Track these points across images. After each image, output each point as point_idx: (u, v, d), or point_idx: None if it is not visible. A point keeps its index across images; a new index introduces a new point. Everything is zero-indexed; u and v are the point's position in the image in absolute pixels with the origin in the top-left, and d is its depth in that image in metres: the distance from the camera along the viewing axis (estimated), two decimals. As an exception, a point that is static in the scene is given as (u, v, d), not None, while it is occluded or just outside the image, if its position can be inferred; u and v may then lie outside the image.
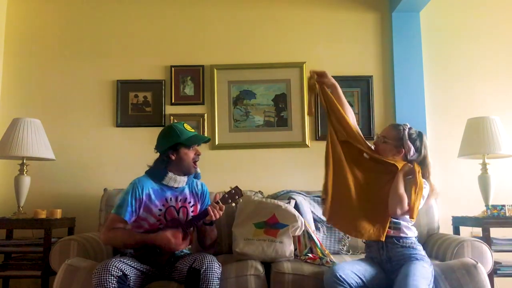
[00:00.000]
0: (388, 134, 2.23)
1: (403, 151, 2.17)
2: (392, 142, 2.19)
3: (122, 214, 2.27)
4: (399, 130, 2.20)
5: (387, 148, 2.20)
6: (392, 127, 2.27)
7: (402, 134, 2.18)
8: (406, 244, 2.10)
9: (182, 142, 2.33)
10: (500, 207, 2.88)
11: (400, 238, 2.11)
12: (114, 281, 1.99)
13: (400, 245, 2.10)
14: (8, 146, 2.98)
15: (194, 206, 2.45)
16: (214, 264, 2.10)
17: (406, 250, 2.09)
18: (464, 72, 3.51)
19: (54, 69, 3.50)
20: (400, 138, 2.18)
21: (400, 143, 2.18)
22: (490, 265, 2.48)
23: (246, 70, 3.50)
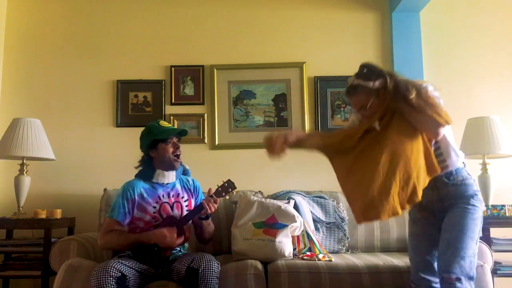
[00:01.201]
0: (361, 102, 1.92)
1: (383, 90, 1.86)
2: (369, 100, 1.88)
3: (115, 216, 2.30)
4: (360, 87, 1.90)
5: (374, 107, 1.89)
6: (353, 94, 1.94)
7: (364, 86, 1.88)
8: (457, 182, 1.89)
9: (158, 137, 2.37)
10: (500, 207, 2.88)
11: (451, 175, 1.89)
12: (113, 282, 2.00)
13: (451, 183, 1.89)
14: (8, 146, 2.98)
15: (188, 201, 2.47)
16: (213, 263, 2.11)
17: (458, 188, 1.89)
18: (464, 72, 3.51)
19: (54, 69, 3.50)
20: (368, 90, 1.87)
21: (374, 91, 1.87)
22: (490, 265, 2.48)
23: (246, 70, 3.50)
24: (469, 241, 1.81)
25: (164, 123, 2.46)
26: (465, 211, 1.85)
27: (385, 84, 1.85)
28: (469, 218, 1.83)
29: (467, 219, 1.83)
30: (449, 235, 1.83)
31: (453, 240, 1.81)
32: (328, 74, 3.48)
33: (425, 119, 1.80)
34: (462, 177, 1.91)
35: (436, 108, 1.80)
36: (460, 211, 1.85)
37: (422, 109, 1.78)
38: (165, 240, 2.22)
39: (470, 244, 1.81)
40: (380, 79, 1.87)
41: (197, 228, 2.45)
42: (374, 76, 1.88)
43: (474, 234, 1.83)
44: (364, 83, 1.88)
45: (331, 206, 2.97)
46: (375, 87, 1.87)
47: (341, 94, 3.47)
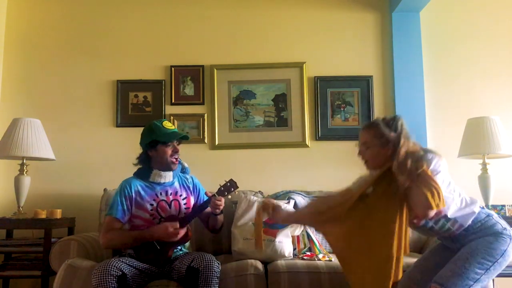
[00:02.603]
0: (366, 138, 1.93)
1: (390, 145, 1.85)
2: (374, 142, 1.89)
3: (114, 213, 2.31)
4: (374, 128, 1.91)
5: (373, 153, 1.90)
6: (366, 129, 1.96)
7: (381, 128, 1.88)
8: (476, 230, 1.83)
9: (159, 139, 2.37)
10: (500, 207, 2.88)
11: (469, 227, 1.84)
12: (114, 281, 2.00)
13: (471, 231, 1.84)
14: (8, 146, 2.98)
15: (186, 199, 2.47)
16: (213, 263, 2.11)
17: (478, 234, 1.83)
18: (464, 72, 3.51)
19: (54, 69, 3.50)
20: (380, 135, 1.87)
21: (383, 139, 1.87)
22: (490, 265, 2.48)
23: (246, 70, 3.50)
24: (475, 265, 1.74)
25: (167, 124, 2.45)
26: (484, 239, 1.80)
27: (396, 142, 1.83)
28: (485, 247, 1.77)
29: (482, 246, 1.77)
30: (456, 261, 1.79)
31: (458, 258, 1.78)
32: (328, 74, 3.48)
33: (419, 196, 1.72)
34: (480, 223, 1.85)
35: (433, 189, 1.71)
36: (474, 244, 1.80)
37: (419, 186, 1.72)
38: (168, 232, 2.22)
39: (475, 269, 1.74)
40: (396, 135, 1.85)
41: (210, 221, 2.47)
42: (394, 128, 1.87)
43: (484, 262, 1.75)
44: (382, 127, 1.88)
45: (331, 206, 2.96)
46: (388, 138, 1.86)
47: (341, 94, 3.47)
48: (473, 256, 1.76)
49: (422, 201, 1.71)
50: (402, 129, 1.87)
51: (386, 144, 1.86)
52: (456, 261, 1.78)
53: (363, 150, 1.94)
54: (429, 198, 1.69)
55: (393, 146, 1.84)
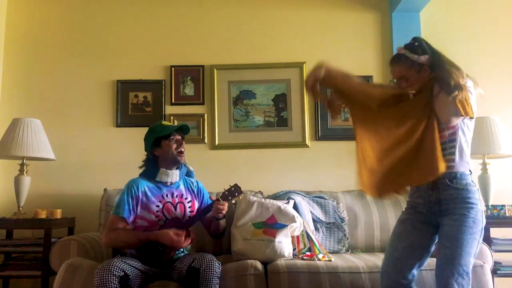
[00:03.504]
0: (401, 72, 1.93)
1: (425, 67, 1.89)
2: (409, 73, 1.91)
3: (120, 213, 2.31)
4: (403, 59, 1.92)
5: (413, 81, 1.91)
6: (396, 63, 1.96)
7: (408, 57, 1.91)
8: (461, 186, 1.84)
9: (160, 135, 2.40)
10: (500, 207, 2.88)
11: (454, 178, 1.84)
12: (116, 281, 2.00)
13: (453, 186, 1.83)
14: (8, 146, 2.98)
15: (191, 202, 2.48)
16: (214, 263, 2.11)
17: (459, 192, 1.84)
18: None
19: (54, 69, 3.50)
20: (412, 63, 1.90)
21: (416, 65, 1.89)
22: (490, 265, 2.49)
23: (246, 70, 3.50)
24: (468, 258, 1.76)
25: (166, 123, 2.49)
26: (463, 225, 1.78)
27: (430, 61, 1.89)
28: (468, 234, 1.77)
29: (466, 234, 1.77)
30: (448, 251, 1.77)
31: (452, 258, 1.76)
32: (328, 74, 3.48)
33: (449, 103, 1.78)
34: (466, 182, 1.86)
35: (464, 99, 1.78)
36: (459, 225, 1.79)
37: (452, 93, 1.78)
38: (173, 242, 2.24)
39: (469, 260, 1.77)
40: (427, 56, 1.89)
41: (212, 226, 2.48)
42: (421, 51, 1.90)
43: (473, 249, 1.78)
44: (409, 55, 1.91)
45: (331, 206, 2.97)
46: (419, 62, 1.89)
47: (341, 94, 3.47)
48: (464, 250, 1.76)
49: (453, 109, 1.78)
50: (430, 47, 1.92)
51: (421, 68, 1.90)
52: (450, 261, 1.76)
53: (401, 83, 1.95)
54: (459, 105, 1.76)
55: (429, 67, 1.89)
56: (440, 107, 1.83)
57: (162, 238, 2.24)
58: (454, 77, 1.82)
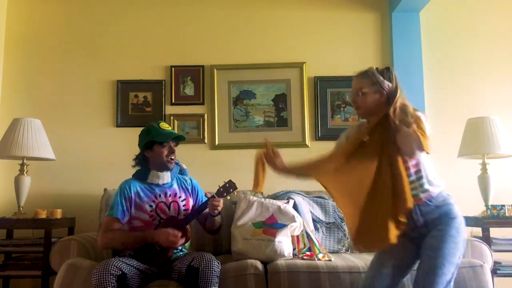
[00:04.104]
0: (362, 85, 1.98)
1: (384, 92, 1.94)
2: (370, 89, 1.96)
3: (114, 214, 2.31)
4: (368, 75, 1.98)
5: (368, 99, 1.96)
6: (360, 77, 2.01)
7: (374, 75, 1.96)
8: (439, 203, 1.89)
9: (155, 139, 2.38)
10: (500, 207, 2.88)
11: (432, 198, 1.89)
12: (114, 280, 2.00)
13: (434, 205, 1.89)
14: (8, 146, 2.98)
15: (185, 200, 2.47)
16: (213, 262, 2.11)
17: (441, 208, 1.89)
18: (464, 72, 3.51)
19: (54, 69, 3.50)
20: (375, 82, 1.95)
21: (377, 86, 1.95)
22: (490, 265, 2.49)
23: (246, 70, 3.50)
24: (449, 267, 1.79)
25: (164, 125, 2.45)
26: (447, 235, 1.83)
27: (390, 91, 1.93)
28: (451, 242, 1.82)
29: (449, 243, 1.81)
30: (432, 261, 1.80)
31: (434, 266, 1.79)
32: (328, 74, 3.48)
33: (410, 137, 1.79)
34: (443, 197, 1.91)
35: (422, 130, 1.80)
36: (442, 235, 1.83)
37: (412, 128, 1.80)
38: (168, 241, 2.23)
39: (450, 270, 1.80)
40: (392, 85, 1.94)
41: (207, 222, 2.47)
42: (388, 78, 1.96)
43: (455, 259, 1.82)
44: (376, 75, 1.96)
45: (330, 206, 2.97)
46: (382, 85, 1.94)
47: (341, 94, 3.48)
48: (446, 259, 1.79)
49: (414, 139, 1.78)
50: (397, 80, 1.97)
51: (380, 91, 1.95)
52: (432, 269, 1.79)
53: (358, 95, 1.99)
54: (421, 138, 1.76)
55: (387, 95, 1.94)
56: (403, 142, 1.83)
57: (158, 237, 2.24)
58: (411, 111, 1.85)
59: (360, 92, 1.97)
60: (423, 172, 1.91)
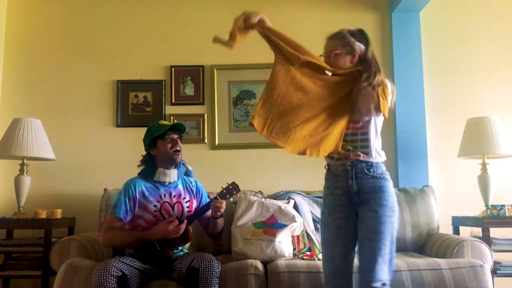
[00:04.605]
0: (334, 46, 2.00)
1: (357, 53, 1.97)
2: (342, 50, 1.98)
3: (117, 213, 2.31)
4: (341, 36, 2.01)
5: (340, 60, 1.98)
6: (333, 37, 2.04)
7: (346, 37, 1.99)
8: (377, 175, 1.91)
9: (156, 134, 2.41)
10: (500, 207, 2.88)
11: (371, 167, 1.91)
12: (114, 281, 2.00)
13: (370, 175, 1.90)
14: (8, 146, 2.98)
15: (189, 202, 2.47)
16: (213, 263, 2.11)
17: (377, 181, 1.91)
18: (463, 72, 3.51)
19: (54, 69, 3.50)
20: (347, 43, 1.98)
21: (349, 47, 1.98)
22: (490, 265, 2.49)
23: (246, 70, 3.50)
24: (390, 246, 1.84)
25: (163, 122, 2.49)
26: (383, 215, 1.85)
27: (362, 52, 1.97)
28: (388, 223, 1.85)
29: (387, 224, 1.85)
30: (372, 243, 1.83)
31: (377, 249, 1.82)
32: (328, 74, 3.47)
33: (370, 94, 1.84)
34: (381, 171, 1.93)
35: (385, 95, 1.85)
36: (379, 215, 1.85)
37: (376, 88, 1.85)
38: (169, 232, 2.23)
39: (391, 248, 1.85)
40: (362, 46, 1.98)
41: (210, 225, 2.47)
42: (359, 39, 1.99)
43: (393, 237, 1.87)
44: (348, 35, 1.99)
45: (331, 206, 2.97)
46: (353, 46, 1.97)
47: (341, 94, 3.47)
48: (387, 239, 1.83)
49: (373, 99, 1.82)
50: (369, 43, 2.01)
51: (352, 53, 1.98)
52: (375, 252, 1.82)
53: (329, 56, 2.01)
54: (381, 100, 1.81)
55: (359, 57, 1.97)
56: (363, 98, 1.87)
57: (158, 233, 2.24)
58: (379, 74, 1.91)
59: (332, 54, 1.99)
60: (370, 134, 1.93)
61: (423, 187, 3.10)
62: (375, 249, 1.82)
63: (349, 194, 1.93)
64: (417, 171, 3.32)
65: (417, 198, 3.00)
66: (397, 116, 3.41)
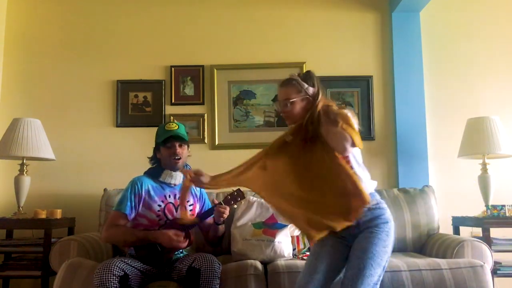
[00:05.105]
0: (289, 95, 2.01)
1: (310, 98, 1.99)
2: (297, 98, 1.99)
3: (123, 209, 2.31)
4: (293, 83, 2.01)
5: (297, 107, 2.00)
6: (286, 86, 2.04)
7: (298, 84, 2.00)
8: (373, 206, 1.91)
9: (158, 141, 2.45)
10: (500, 207, 2.88)
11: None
12: (116, 281, 2.00)
13: (367, 207, 1.88)
14: (8, 146, 2.98)
15: (192, 205, 2.48)
16: (214, 264, 2.11)
17: (373, 212, 1.91)
18: (464, 72, 3.51)
19: (54, 69, 3.50)
20: (299, 89, 2.00)
21: (304, 93, 1.99)
22: (490, 265, 2.49)
23: (246, 70, 3.50)
24: (377, 268, 1.82)
25: (169, 126, 2.46)
26: (377, 237, 1.86)
27: (315, 95, 1.99)
28: (380, 246, 1.85)
29: (378, 246, 1.85)
30: (359, 261, 1.82)
31: (362, 267, 1.80)
32: (328, 74, 3.47)
33: (339, 133, 1.83)
34: (376, 200, 1.94)
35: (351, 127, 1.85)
36: (373, 237, 1.86)
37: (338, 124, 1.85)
38: (171, 243, 2.23)
39: (377, 271, 1.83)
40: (313, 89, 2.00)
41: (211, 231, 2.47)
42: (311, 83, 2.01)
43: (383, 261, 1.85)
44: (300, 82, 2.00)
45: (331, 206, 2.97)
46: (307, 91, 1.99)
47: (341, 94, 3.48)
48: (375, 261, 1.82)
49: (344, 137, 1.82)
50: (318, 83, 2.02)
51: (306, 98, 2.00)
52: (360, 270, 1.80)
53: (285, 105, 2.01)
54: (352, 134, 1.82)
55: (312, 99, 1.99)
56: (335, 140, 1.86)
57: (161, 238, 2.24)
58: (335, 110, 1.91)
59: (288, 102, 2.00)
60: (354, 167, 1.91)
61: (423, 187, 3.10)
62: (361, 267, 1.81)
63: (349, 230, 1.89)
64: (417, 171, 3.32)
65: (417, 198, 2.99)
66: (397, 116, 3.41)
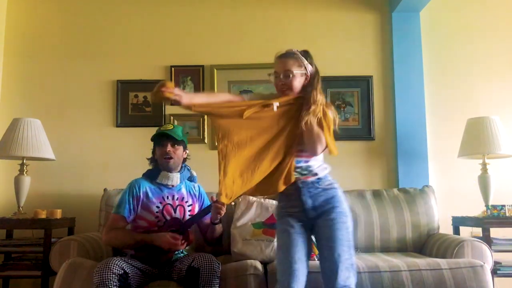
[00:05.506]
0: (290, 66, 1.96)
1: (308, 75, 1.98)
2: (297, 71, 1.96)
3: (121, 212, 2.33)
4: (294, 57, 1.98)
5: (296, 80, 1.96)
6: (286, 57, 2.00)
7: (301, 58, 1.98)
8: (326, 186, 1.95)
9: (153, 141, 2.48)
10: (500, 207, 2.88)
11: (319, 180, 1.95)
12: (116, 279, 2.01)
13: (321, 188, 1.94)
14: (8, 146, 2.98)
15: (191, 206, 2.49)
16: (214, 263, 2.12)
17: (328, 192, 1.94)
18: (464, 72, 3.51)
19: (54, 69, 3.50)
20: (300, 64, 1.97)
21: (303, 69, 1.97)
22: (490, 265, 2.49)
23: (246, 70, 3.49)
24: (350, 250, 1.88)
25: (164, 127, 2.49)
26: (338, 222, 1.89)
27: (312, 74, 1.98)
28: (344, 228, 1.89)
29: (343, 229, 1.89)
30: (331, 251, 1.85)
31: (337, 256, 1.84)
32: (328, 74, 3.45)
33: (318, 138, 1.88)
34: (329, 182, 1.97)
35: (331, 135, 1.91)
36: (335, 223, 1.89)
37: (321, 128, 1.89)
38: (169, 244, 2.25)
39: (351, 252, 1.88)
40: (313, 68, 1.99)
41: (209, 231, 2.49)
42: (310, 60, 2.00)
43: (351, 240, 1.90)
44: (301, 57, 1.98)
45: (331, 206, 2.97)
46: (306, 67, 1.97)
47: (341, 94, 3.47)
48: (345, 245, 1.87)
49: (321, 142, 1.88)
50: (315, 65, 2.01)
51: (305, 74, 1.98)
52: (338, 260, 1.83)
53: (286, 76, 1.97)
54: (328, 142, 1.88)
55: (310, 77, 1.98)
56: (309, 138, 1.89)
57: (159, 241, 2.24)
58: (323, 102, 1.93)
59: (291, 73, 1.96)
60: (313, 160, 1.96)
61: (423, 187, 3.10)
62: (335, 256, 1.84)
63: (305, 209, 1.94)
64: (417, 171, 3.32)
65: (417, 198, 2.99)
66: (397, 116, 3.40)
